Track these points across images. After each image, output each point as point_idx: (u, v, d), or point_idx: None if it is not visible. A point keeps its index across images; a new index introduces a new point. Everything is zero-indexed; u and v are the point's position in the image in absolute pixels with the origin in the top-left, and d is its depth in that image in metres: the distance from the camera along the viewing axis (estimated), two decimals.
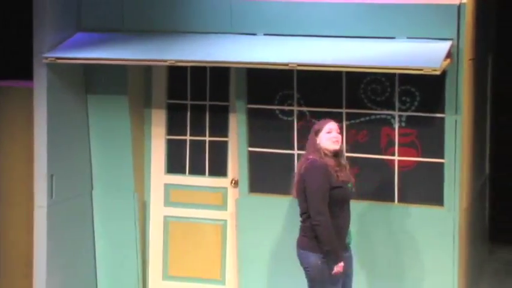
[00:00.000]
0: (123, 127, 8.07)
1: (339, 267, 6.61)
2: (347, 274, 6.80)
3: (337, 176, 6.66)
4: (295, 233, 7.79)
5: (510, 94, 10.76)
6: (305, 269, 6.77)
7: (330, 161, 6.70)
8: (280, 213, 7.83)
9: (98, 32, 7.92)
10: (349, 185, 6.79)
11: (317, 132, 6.79)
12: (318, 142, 6.75)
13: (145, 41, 7.73)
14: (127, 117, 8.05)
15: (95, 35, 7.89)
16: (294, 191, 6.86)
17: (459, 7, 7.23)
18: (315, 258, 6.66)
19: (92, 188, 8.22)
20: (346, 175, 6.75)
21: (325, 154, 6.71)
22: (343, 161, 6.81)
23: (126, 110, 8.04)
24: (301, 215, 6.78)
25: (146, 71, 8.23)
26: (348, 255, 6.83)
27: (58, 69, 7.70)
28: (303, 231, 6.78)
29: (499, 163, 10.31)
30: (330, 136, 6.75)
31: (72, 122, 7.96)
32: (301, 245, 6.79)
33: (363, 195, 7.62)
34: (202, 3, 7.75)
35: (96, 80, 8.03)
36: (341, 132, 6.87)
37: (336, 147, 6.74)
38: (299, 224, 7.76)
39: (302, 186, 6.68)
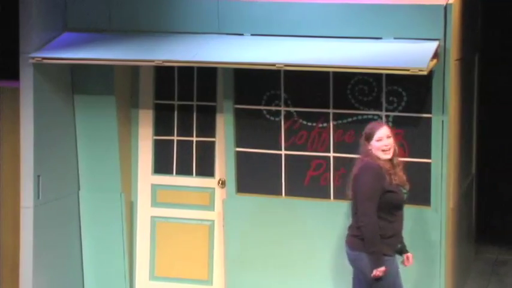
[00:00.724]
0: (110, 127, 8.06)
1: (379, 271, 6.53)
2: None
3: (391, 179, 6.60)
4: (282, 233, 7.82)
5: (496, 94, 10.80)
6: (359, 270, 6.69)
7: (385, 164, 6.64)
8: (268, 213, 7.83)
9: (84, 32, 7.90)
10: (404, 190, 6.72)
11: (368, 139, 6.68)
12: (369, 148, 6.68)
13: (133, 41, 7.72)
14: (114, 118, 8.04)
15: (81, 35, 7.87)
16: (349, 191, 6.78)
17: (446, 7, 7.25)
18: (368, 259, 6.61)
19: (79, 189, 8.20)
20: (400, 179, 6.68)
21: (378, 158, 6.66)
22: (396, 163, 6.71)
23: (113, 110, 8.03)
24: (353, 215, 6.73)
25: (133, 71, 8.21)
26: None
27: (44, 69, 7.68)
28: (352, 230, 6.72)
29: (486, 163, 10.34)
30: (380, 145, 6.65)
31: (58, 123, 7.94)
32: (351, 246, 6.71)
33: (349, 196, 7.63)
34: (189, 4, 7.75)
35: (83, 80, 8.01)
36: (392, 135, 6.73)
37: (388, 156, 6.65)
38: (287, 223, 7.80)
39: (355, 186, 6.64)
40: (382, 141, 6.65)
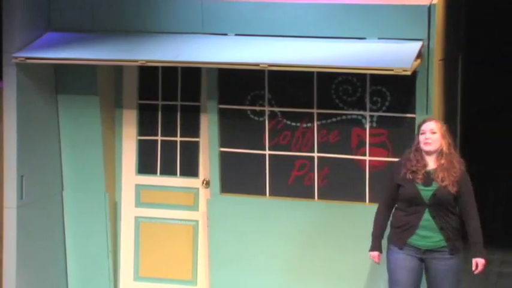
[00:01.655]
0: (94, 127, 8.04)
1: (370, 255, 6.91)
2: (430, 281, 6.84)
3: (406, 174, 6.73)
4: (267, 233, 7.82)
5: (480, 94, 10.84)
6: None
7: (419, 160, 6.75)
8: (252, 213, 7.83)
9: (68, 31, 7.88)
10: (423, 187, 6.71)
11: (418, 131, 6.89)
12: (416, 142, 6.86)
13: (116, 41, 7.71)
14: (98, 118, 8.02)
15: (65, 34, 7.85)
16: None
17: (429, 8, 7.27)
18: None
19: (63, 189, 8.18)
20: (424, 176, 6.71)
21: (419, 151, 6.80)
22: (443, 161, 6.76)
23: (97, 110, 8.01)
24: None
25: (117, 71, 8.20)
26: (431, 263, 6.78)
27: (28, 69, 7.66)
28: None
29: (469, 163, 10.35)
30: (421, 138, 6.80)
31: (42, 123, 7.91)
32: None
33: (333, 196, 7.65)
34: (173, 4, 7.74)
35: (67, 80, 7.99)
36: (439, 131, 6.79)
37: (427, 148, 6.77)
38: (271, 223, 7.81)
39: None
40: (424, 134, 6.80)
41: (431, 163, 6.79)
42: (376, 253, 6.88)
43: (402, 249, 6.77)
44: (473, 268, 6.84)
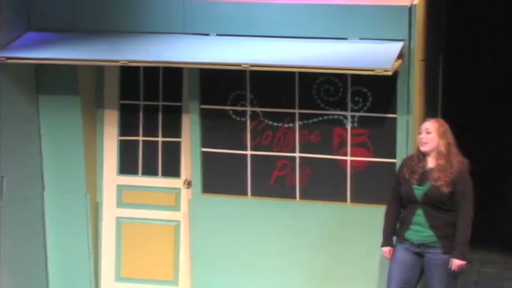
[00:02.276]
0: (75, 128, 8.02)
1: (381, 250, 7.04)
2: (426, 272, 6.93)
3: (404, 173, 6.87)
4: (248, 233, 7.83)
5: (461, 94, 10.87)
6: None
7: (417, 158, 6.88)
8: (233, 213, 7.84)
9: (49, 31, 7.85)
10: (416, 186, 6.82)
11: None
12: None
13: (98, 41, 7.69)
14: (79, 118, 8.00)
15: (46, 34, 7.83)
16: None
17: (410, 8, 7.29)
18: None
19: (44, 190, 8.15)
20: (419, 176, 6.81)
21: (419, 151, 6.91)
22: (441, 161, 6.82)
23: (78, 110, 7.99)
24: None
25: (98, 71, 8.18)
26: (425, 257, 6.87)
27: (8, 69, 7.63)
28: None
29: None
30: (419, 137, 6.92)
31: (23, 123, 7.88)
32: None
33: (315, 196, 7.66)
34: (154, 3, 7.73)
35: (48, 81, 7.97)
36: (434, 131, 6.87)
37: (423, 148, 6.88)
38: (253, 223, 7.82)
39: None
40: (421, 134, 6.91)
41: (430, 163, 6.88)
42: (386, 248, 7.03)
43: (402, 243, 6.92)
44: (449, 266, 6.85)
